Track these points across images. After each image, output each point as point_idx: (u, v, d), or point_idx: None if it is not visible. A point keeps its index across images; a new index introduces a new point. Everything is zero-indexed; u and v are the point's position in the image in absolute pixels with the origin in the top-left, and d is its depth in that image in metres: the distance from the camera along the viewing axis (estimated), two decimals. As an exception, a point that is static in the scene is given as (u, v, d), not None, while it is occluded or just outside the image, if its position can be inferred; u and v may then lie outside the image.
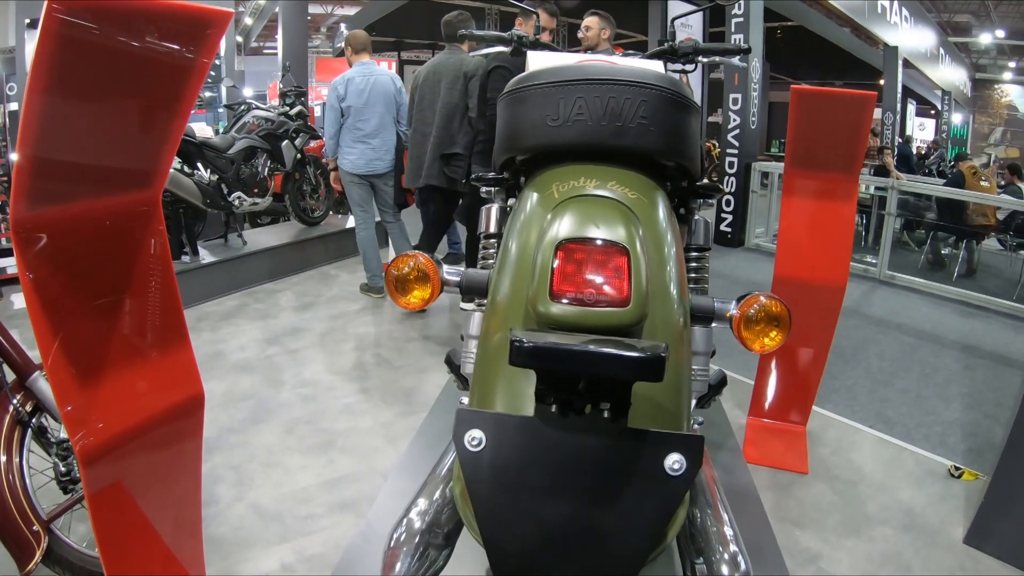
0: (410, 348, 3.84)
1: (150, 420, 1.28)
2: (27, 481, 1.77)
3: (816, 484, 2.58)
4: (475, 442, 0.77)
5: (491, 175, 1.38)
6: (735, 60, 2.49)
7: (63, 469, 1.87)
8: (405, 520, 0.99)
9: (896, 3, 12.24)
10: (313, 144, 5.81)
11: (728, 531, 1.02)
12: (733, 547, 0.98)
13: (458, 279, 1.10)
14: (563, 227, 0.90)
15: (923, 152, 15.78)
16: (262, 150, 5.07)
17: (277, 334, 3.96)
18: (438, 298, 1.11)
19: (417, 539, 0.96)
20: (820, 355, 2.69)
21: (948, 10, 16.49)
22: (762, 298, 0.97)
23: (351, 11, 15.58)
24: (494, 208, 1.35)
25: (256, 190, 5.02)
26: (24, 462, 1.79)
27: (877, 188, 7.24)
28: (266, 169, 5.11)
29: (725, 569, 0.95)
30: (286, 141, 5.22)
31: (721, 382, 1.33)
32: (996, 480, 2.28)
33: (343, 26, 15.80)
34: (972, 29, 17.41)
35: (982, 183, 7.33)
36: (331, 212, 6.15)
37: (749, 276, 6.12)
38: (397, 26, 15.56)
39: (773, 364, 2.77)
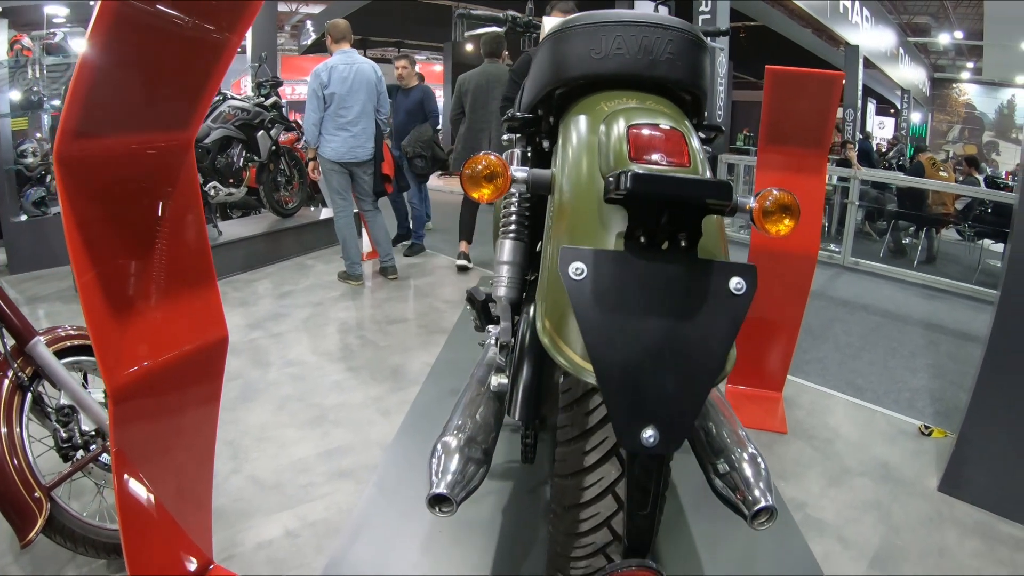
0: (393, 330, 3.88)
1: (179, 359, 1.32)
2: (27, 448, 1.76)
3: (795, 442, 2.70)
4: (578, 271, 0.89)
5: (520, 114, 1.49)
6: (712, 42, 2.58)
7: (64, 435, 1.86)
8: (442, 440, 1.07)
9: (858, 3, 12.56)
10: (287, 136, 5.80)
11: (743, 434, 1.11)
12: (751, 448, 1.07)
13: (525, 175, 1.21)
14: (624, 120, 1.06)
15: (883, 150, 16.18)
16: (237, 140, 5.07)
17: (259, 319, 3.98)
18: (416, 286, 1.17)
19: (458, 455, 1.04)
20: (794, 322, 2.80)
21: (908, 11, 16.88)
22: (775, 191, 1.07)
23: (316, 9, 15.47)
24: (516, 152, 1.45)
25: (231, 180, 5.02)
26: (24, 429, 1.78)
27: (840, 179, 7.45)
28: (241, 159, 5.10)
29: (747, 467, 1.04)
30: (261, 131, 5.21)
31: None
32: (964, 433, 2.41)
33: (309, 24, 15.68)
34: (931, 30, 17.84)
35: (941, 173, 7.59)
36: (305, 204, 6.15)
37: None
38: (363, 24, 15.49)
39: (749, 333, 2.88)
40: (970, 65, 20.11)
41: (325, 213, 6.12)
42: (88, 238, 1.10)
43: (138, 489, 1.38)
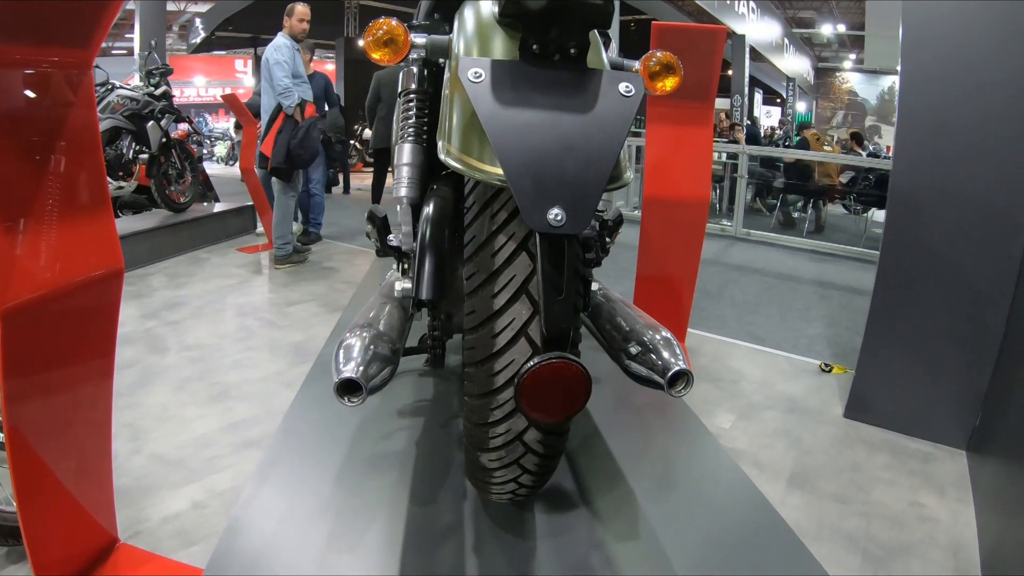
0: (292, 311, 3.81)
1: (74, 288, 1.27)
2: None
3: (702, 384, 2.79)
4: (476, 75, 0.93)
5: (418, 22, 1.51)
6: None
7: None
8: (345, 341, 1.02)
9: (744, -4, 13.19)
10: (179, 130, 5.55)
11: (652, 321, 1.14)
12: (663, 331, 1.10)
13: (424, 41, 1.25)
14: None
15: (769, 135, 16.98)
16: (127, 131, 4.83)
17: (154, 309, 3.80)
18: (313, 271, 1.12)
19: (363, 351, 1.00)
20: (691, 269, 2.89)
21: (793, 6, 17.78)
22: (658, 53, 1.12)
23: (204, 7, 14.94)
24: (413, 68, 1.45)
25: (120, 173, 4.79)
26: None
27: (729, 156, 7.77)
28: (131, 151, 4.87)
29: (659, 344, 1.07)
30: (151, 122, 4.97)
31: (618, 220, 1.50)
32: (862, 364, 2.58)
33: (198, 21, 15.11)
34: (816, 23, 18.85)
35: (825, 147, 8.03)
36: (197, 200, 5.90)
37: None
38: (252, 21, 15.15)
39: (650, 283, 2.94)
40: (852, 56, 21.37)
41: (219, 207, 5.97)
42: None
43: (35, 467, 1.32)
